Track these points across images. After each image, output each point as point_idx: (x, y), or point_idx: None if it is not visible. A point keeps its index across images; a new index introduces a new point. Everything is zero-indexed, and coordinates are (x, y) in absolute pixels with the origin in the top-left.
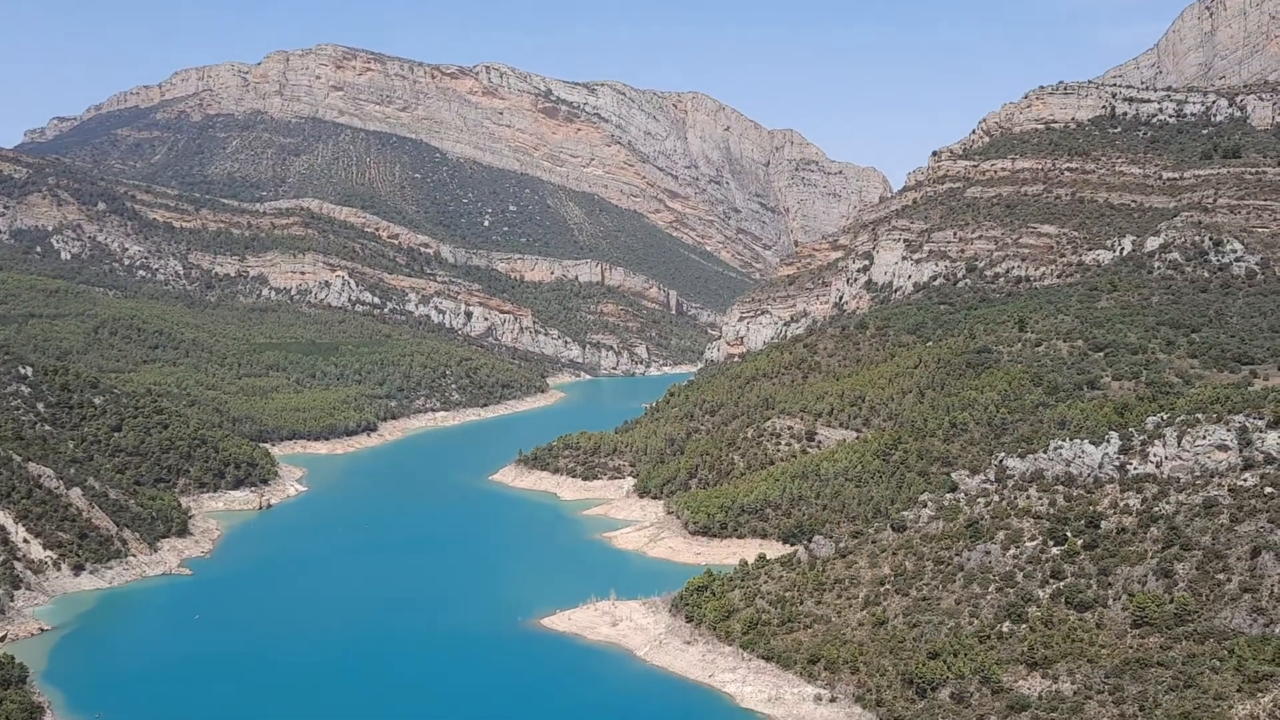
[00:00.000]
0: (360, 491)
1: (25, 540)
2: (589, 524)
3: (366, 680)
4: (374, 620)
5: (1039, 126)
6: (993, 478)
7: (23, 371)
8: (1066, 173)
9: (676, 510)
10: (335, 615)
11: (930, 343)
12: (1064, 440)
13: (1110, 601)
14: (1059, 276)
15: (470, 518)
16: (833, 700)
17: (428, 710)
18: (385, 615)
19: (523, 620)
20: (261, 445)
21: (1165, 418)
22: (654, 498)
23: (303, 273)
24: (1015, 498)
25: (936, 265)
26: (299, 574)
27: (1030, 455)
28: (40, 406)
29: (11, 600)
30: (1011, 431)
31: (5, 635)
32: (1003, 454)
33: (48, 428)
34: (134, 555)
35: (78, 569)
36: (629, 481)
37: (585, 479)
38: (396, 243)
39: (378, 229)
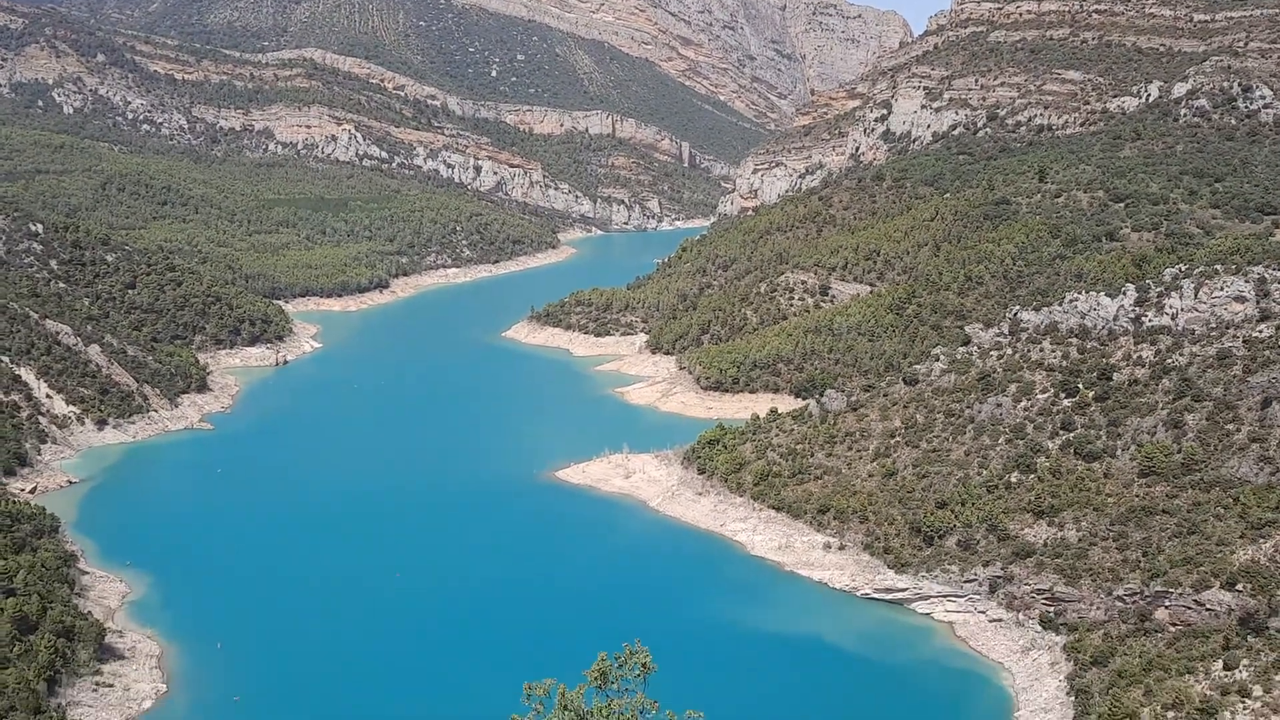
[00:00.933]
0: (374, 348)
1: (48, 396)
2: (601, 380)
3: (384, 531)
4: (391, 473)
5: None
6: (1006, 331)
7: (33, 229)
8: (1094, 15)
9: (688, 365)
10: (353, 468)
11: (948, 195)
12: (1080, 293)
13: (1119, 452)
14: (1082, 125)
15: (483, 374)
16: (841, 548)
17: (445, 559)
18: (402, 469)
19: (537, 473)
20: (275, 302)
21: (1183, 269)
22: (666, 353)
23: (309, 126)
24: (1028, 351)
25: (956, 114)
26: (317, 428)
27: (1045, 308)
28: (53, 264)
29: (39, 454)
30: (1027, 284)
31: (35, 488)
32: (1017, 307)
33: (62, 285)
34: (155, 410)
35: (101, 424)
36: (641, 337)
37: (597, 335)
38: (403, 94)
39: (383, 80)
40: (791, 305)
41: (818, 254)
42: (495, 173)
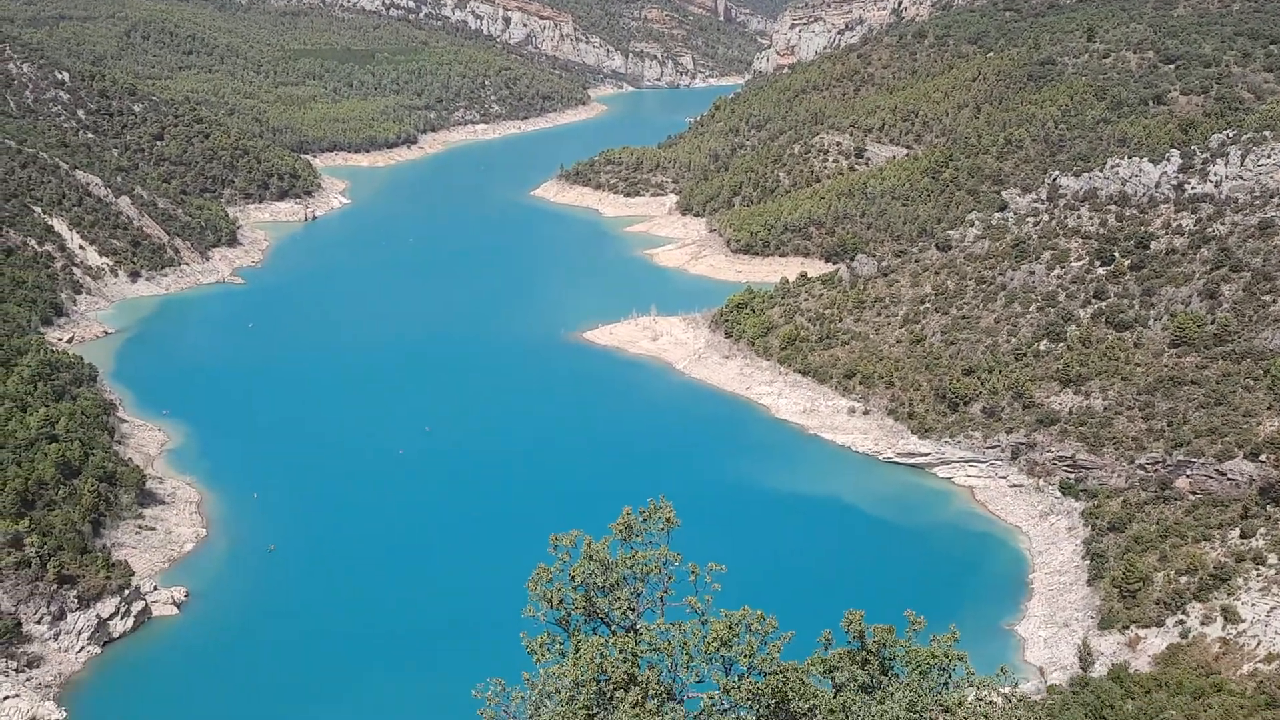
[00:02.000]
0: (402, 205)
1: (81, 247)
2: (630, 240)
3: (412, 388)
4: (418, 331)
5: None
6: (1044, 197)
7: (60, 77)
8: None
9: (719, 228)
10: (381, 325)
11: (991, 53)
12: (1122, 158)
13: (1151, 322)
14: None
15: (511, 233)
16: (865, 413)
17: (472, 416)
18: (429, 326)
19: (565, 333)
20: (303, 157)
21: (1231, 135)
22: (696, 215)
23: None
24: (1065, 217)
25: None
26: (346, 284)
27: (1085, 174)
28: (81, 114)
29: (74, 305)
30: (1069, 149)
31: (72, 337)
32: (1057, 172)
33: (90, 135)
34: (187, 264)
35: (134, 276)
36: (671, 198)
37: (627, 195)
38: None
39: None
40: (825, 167)
41: (854, 114)
42: (525, 24)
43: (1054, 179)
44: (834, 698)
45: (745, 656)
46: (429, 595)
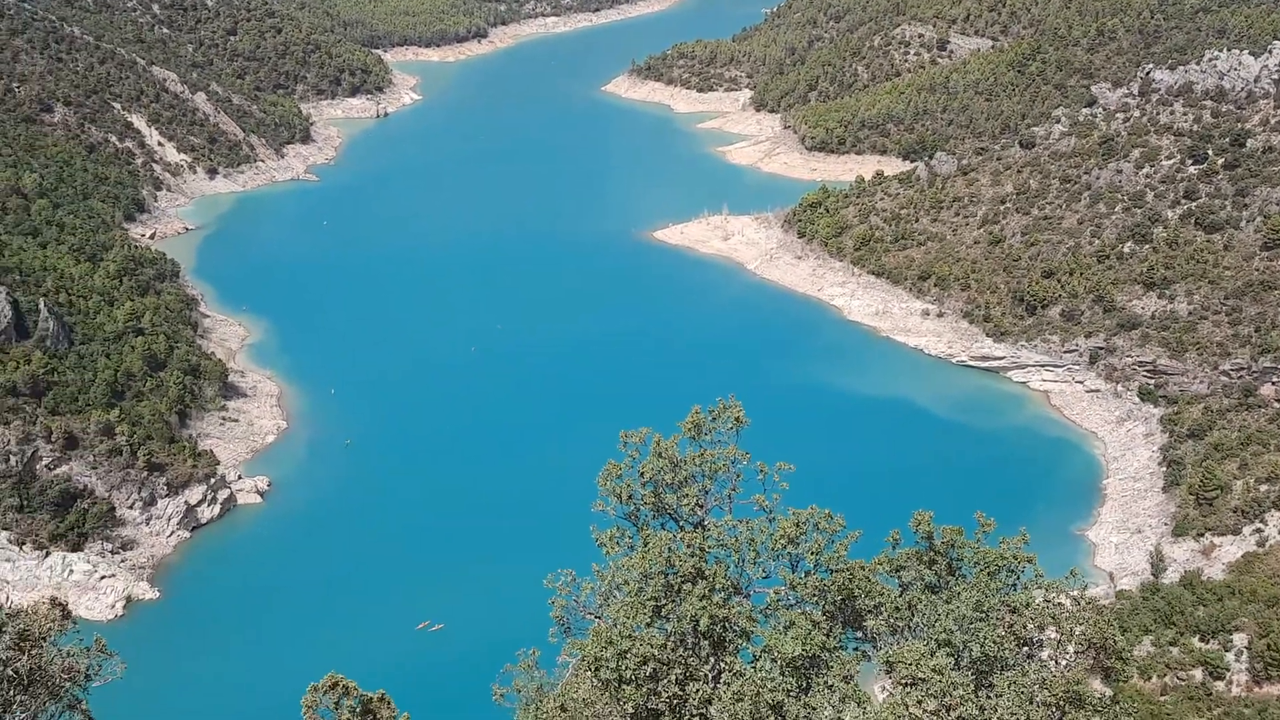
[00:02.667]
0: (473, 100)
1: (160, 144)
2: (702, 137)
3: (482, 285)
4: (489, 229)
5: None
6: (1136, 91)
7: None
8: None
9: (794, 124)
10: (452, 223)
11: None
12: (1220, 50)
13: (1243, 223)
14: None
15: (581, 130)
16: (940, 315)
17: (542, 315)
18: (500, 224)
19: (635, 232)
20: (374, 52)
21: None
22: (770, 111)
23: None
24: (1157, 113)
25: None
26: (418, 181)
27: (1181, 67)
28: (155, 8)
29: (155, 201)
30: (1164, 40)
31: (154, 233)
32: (1151, 65)
33: (165, 31)
34: (262, 160)
35: (212, 172)
36: (745, 94)
37: (699, 90)
38: None
39: None
40: (906, 61)
41: (938, 4)
42: None
43: (1147, 72)
44: (899, 596)
45: (812, 554)
46: (500, 489)
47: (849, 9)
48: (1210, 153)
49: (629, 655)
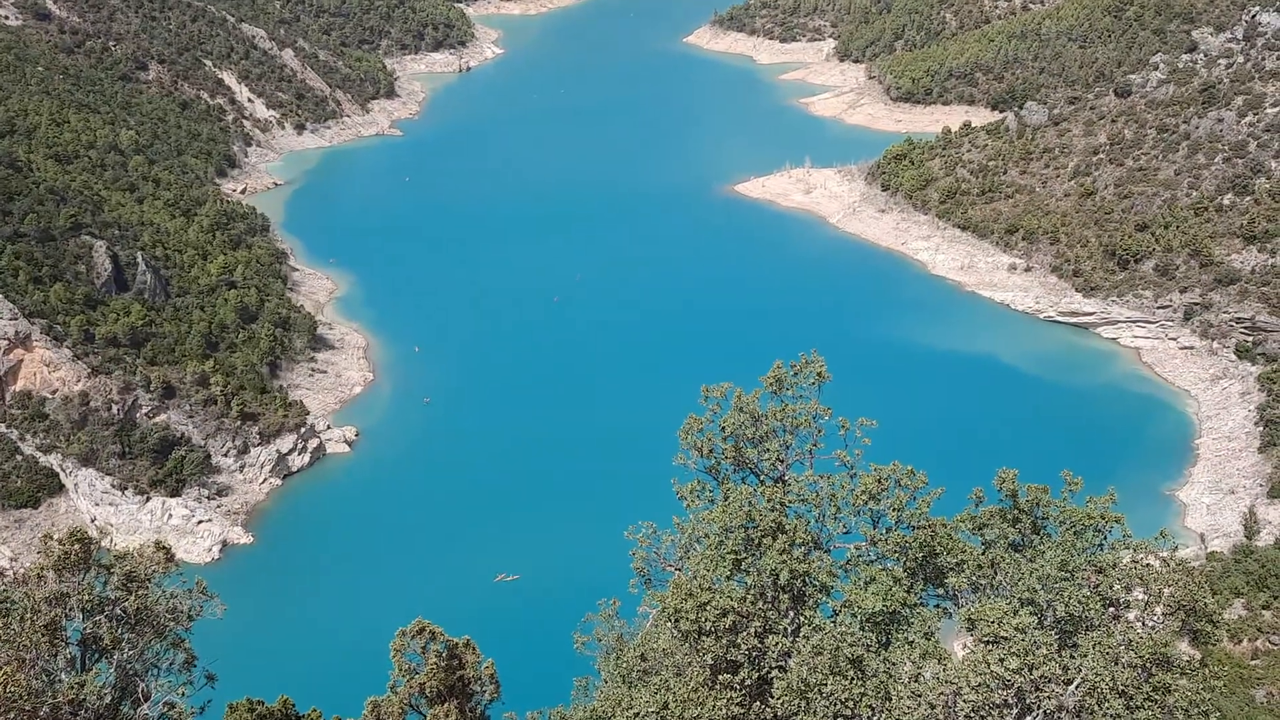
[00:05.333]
0: (554, 54)
1: (250, 100)
2: (785, 89)
3: (566, 238)
4: (571, 182)
5: None
6: (1240, 35)
7: None
8: None
9: (879, 74)
10: (535, 177)
11: None
12: None
13: None
14: None
15: (663, 82)
16: (1028, 270)
17: (625, 268)
18: (582, 177)
19: (717, 185)
20: (457, 6)
21: None
22: (855, 61)
23: None
24: (1263, 58)
25: None
26: (502, 136)
27: None
28: None
29: (245, 156)
30: None
31: (245, 188)
32: (1257, 7)
33: None
34: (348, 115)
35: (299, 128)
36: (829, 44)
37: (783, 41)
38: None
39: None
40: (996, 6)
41: None
42: None
43: (1253, 15)
44: (982, 554)
45: (894, 510)
46: (581, 442)
47: None
48: None
49: (709, 607)
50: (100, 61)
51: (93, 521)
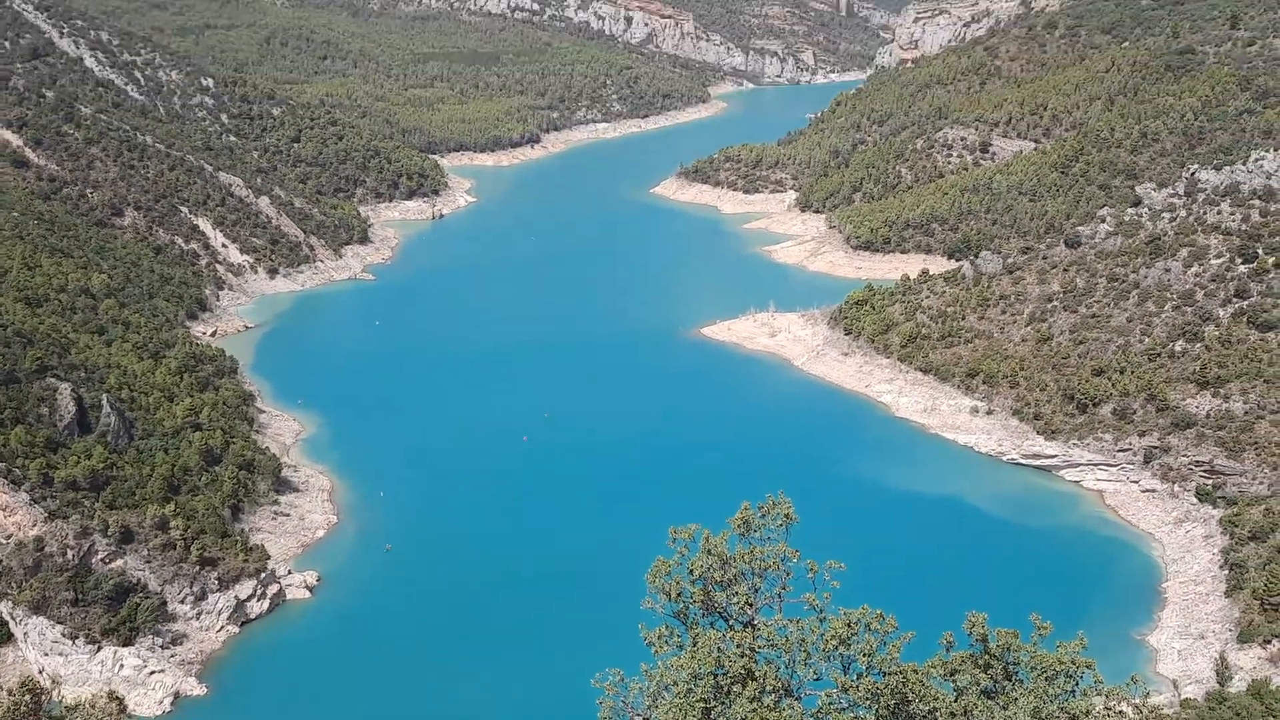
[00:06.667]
0: (526, 203)
1: (224, 245)
2: (749, 237)
3: (533, 381)
4: (540, 325)
5: None
6: (1181, 191)
7: (205, 83)
8: None
9: (838, 224)
10: (504, 320)
11: (1126, 44)
12: (1267, 151)
13: None
14: None
15: (631, 230)
16: (989, 413)
17: (592, 409)
18: (551, 320)
19: (683, 329)
20: (431, 157)
21: None
22: (816, 212)
23: None
24: (1204, 213)
25: None
26: (471, 280)
27: (1227, 167)
28: (224, 118)
29: (217, 300)
30: (1208, 142)
31: (215, 331)
32: (1195, 166)
33: (233, 138)
34: (321, 261)
35: (272, 272)
36: (790, 195)
37: (746, 192)
38: None
39: None
40: (949, 163)
41: (980, 108)
42: (646, 24)
43: (1192, 173)
44: (955, 701)
45: (864, 655)
46: (548, 584)
47: (891, 113)
48: (1260, 251)
49: None
50: (77, 207)
51: (41, 672)
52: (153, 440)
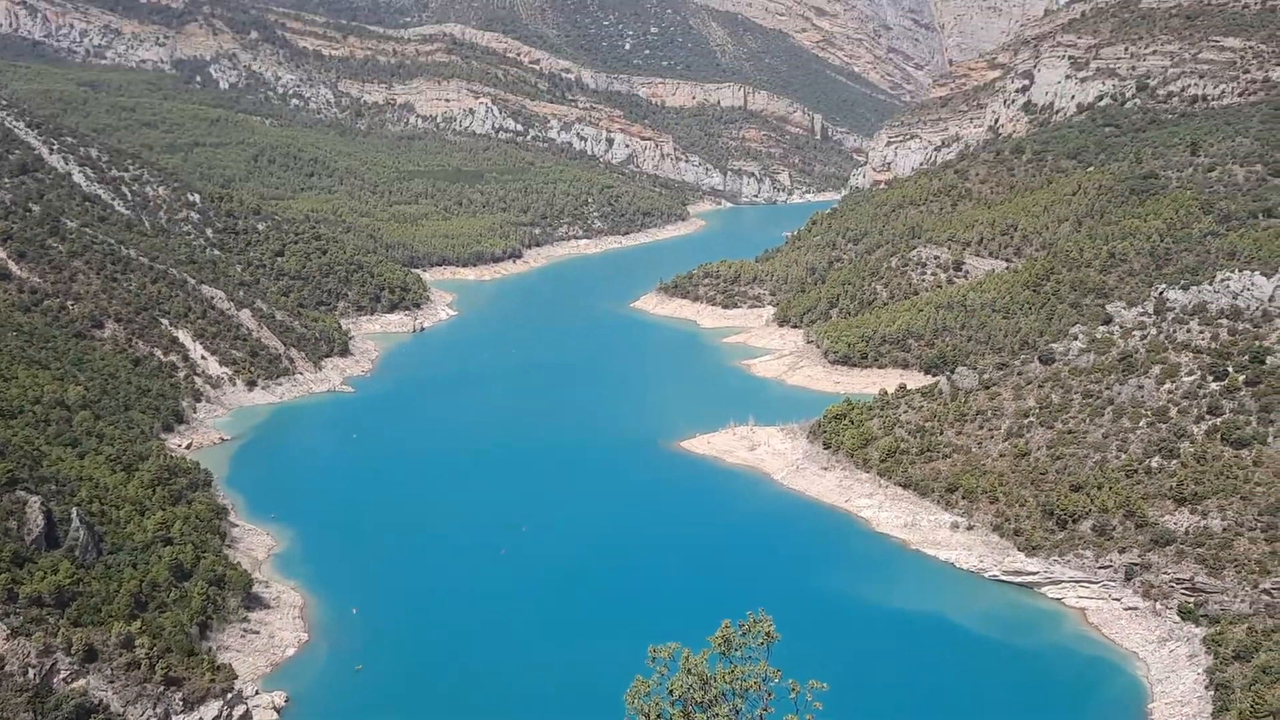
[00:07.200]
0: (507, 317)
1: (203, 357)
2: (728, 351)
3: (512, 494)
4: (520, 439)
5: None
6: (1151, 310)
7: (191, 199)
8: None
9: (816, 339)
10: (484, 433)
11: (1092, 168)
12: (1232, 271)
13: (1270, 439)
14: (1240, 95)
15: (612, 344)
16: (969, 528)
17: (571, 524)
18: (530, 434)
19: (663, 442)
20: (414, 271)
21: None
22: (793, 326)
23: (448, 100)
24: (1174, 331)
25: (1103, 84)
26: (450, 393)
27: (1194, 287)
28: (209, 232)
29: (194, 412)
30: (1175, 262)
31: (190, 443)
32: (1163, 285)
33: (217, 252)
34: (300, 373)
35: (251, 384)
36: (769, 310)
37: (725, 307)
38: (538, 68)
39: (519, 54)
40: (923, 280)
41: (952, 228)
42: (627, 145)
43: (1160, 292)
44: None
45: None
46: (525, 706)
47: (866, 232)
48: (1230, 370)
49: None
50: (57, 319)
51: None
52: (122, 555)
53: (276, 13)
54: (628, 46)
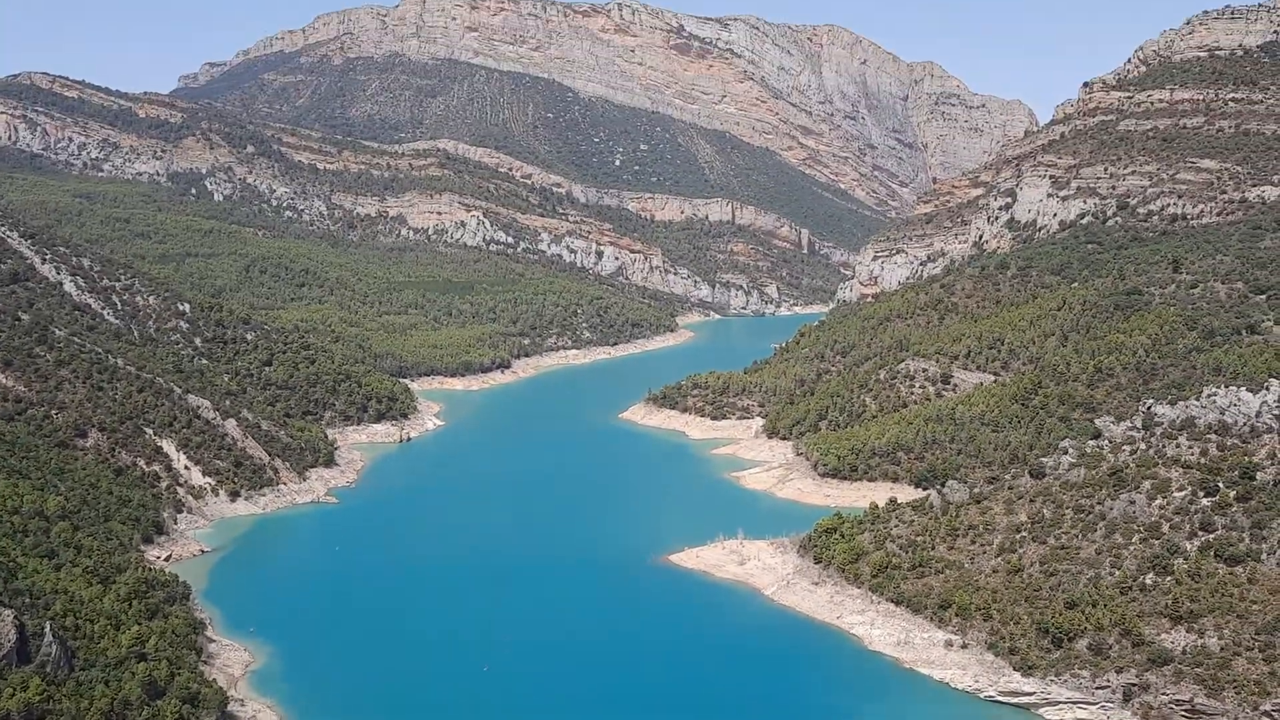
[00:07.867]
0: (495, 427)
1: (186, 467)
2: (717, 463)
3: (497, 609)
4: (506, 552)
5: (1201, 54)
6: (1139, 425)
7: (181, 308)
8: (1230, 103)
9: (806, 451)
10: (469, 545)
11: (1076, 284)
12: (1219, 387)
13: (1264, 556)
14: (1219, 214)
15: (600, 455)
16: (964, 646)
17: (557, 639)
18: (516, 548)
19: (651, 556)
20: (401, 381)
21: None
22: (783, 438)
23: (439, 213)
24: (1163, 446)
25: (1084, 203)
26: (436, 504)
27: (1181, 402)
28: (198, 341)
29: (175, 523)
30: (1161, 377)
31: (170, 555)
32: (1151, 400)
33: (204, 361)
34: (284, 483)
35: (234, 495)
36: (758, 422)
37: (714, 418)
38: (529, 183)
39: (511, 169)
40: (912, 393)
41: (939, 341)
42: (616, 258)
43: (1148, 407)
44: None
45: None
46: None
47: (854, 345)
48: (1221, 485)
49: None
50: (40, 428)
51: None
52: (95, 671)
53: (273, 128)
54: (618, 162)
